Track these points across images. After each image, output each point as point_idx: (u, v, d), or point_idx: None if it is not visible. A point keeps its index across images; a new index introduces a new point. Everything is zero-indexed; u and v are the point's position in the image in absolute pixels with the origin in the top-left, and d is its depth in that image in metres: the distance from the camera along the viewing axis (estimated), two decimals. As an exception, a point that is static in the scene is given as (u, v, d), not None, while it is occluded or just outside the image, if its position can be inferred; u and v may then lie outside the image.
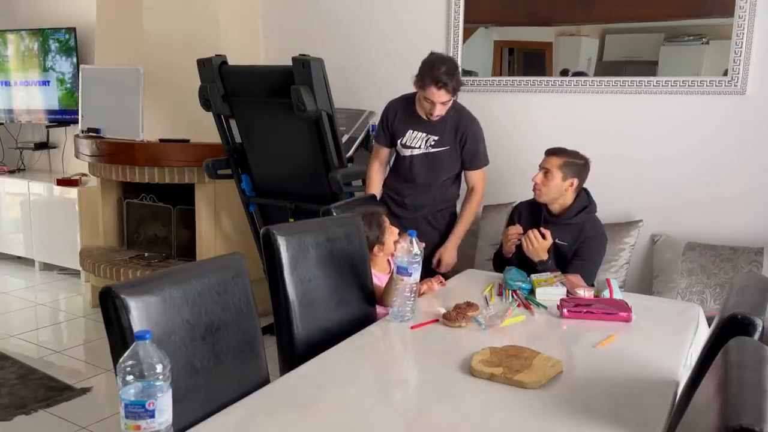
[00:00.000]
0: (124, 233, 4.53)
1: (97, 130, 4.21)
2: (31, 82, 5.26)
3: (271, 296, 1.93)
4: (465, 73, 3.69)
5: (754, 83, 3.01)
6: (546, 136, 3.34)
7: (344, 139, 3.61)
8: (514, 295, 2.27)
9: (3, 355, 3.48)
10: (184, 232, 4.22)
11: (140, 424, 1.16)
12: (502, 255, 2.75)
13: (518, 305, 2.20)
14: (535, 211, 2.73)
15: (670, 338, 1.98)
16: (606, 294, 2.22)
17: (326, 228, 2.12)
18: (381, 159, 3.07)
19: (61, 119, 5.16)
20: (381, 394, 1.61)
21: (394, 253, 2.08)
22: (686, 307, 2.35)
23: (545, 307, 2.18)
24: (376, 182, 3.06)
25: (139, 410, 1.16)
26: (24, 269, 5.19)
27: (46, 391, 3.07)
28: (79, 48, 4.96)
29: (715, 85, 3.06)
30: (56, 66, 5.07)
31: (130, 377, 1.16)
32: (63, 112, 5.12)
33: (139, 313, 1.39)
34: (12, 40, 5.32)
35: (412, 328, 1.97)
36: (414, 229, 2.03)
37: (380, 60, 3.95)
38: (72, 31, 4.96)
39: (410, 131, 2.91)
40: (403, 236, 2.04)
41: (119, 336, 1.38)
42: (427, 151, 2.90)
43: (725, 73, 3.04)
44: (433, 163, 2.92)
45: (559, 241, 2.63)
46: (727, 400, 1.00)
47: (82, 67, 4.45)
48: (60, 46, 5.01)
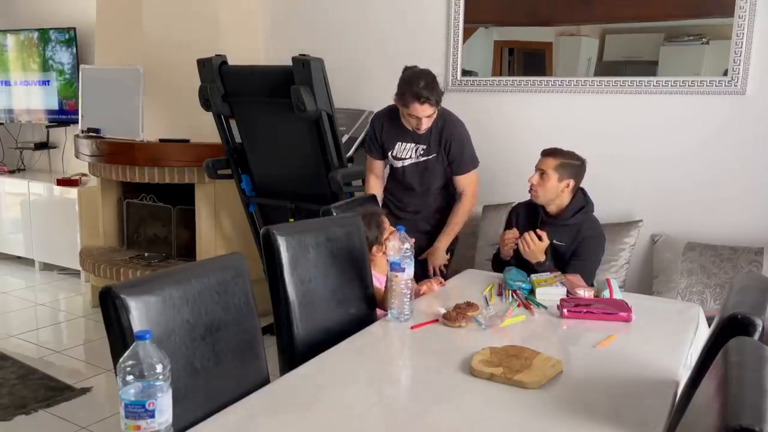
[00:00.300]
0: (124, 233, 4.53)
1: (97, 130, 4.21)
2: (31, 82, 5.26)
3: (271, 296, 1.93)
4: (465, 73, 3.69)
5: (754, 83, 3.01)
6: (546, 136, 3.34)
7: (344, 139, 3.61)
8: (514, 295, 2.27)
9: (3, 355, 3.48)
10: (184, 232, 4.22)
11: (140, 424, 1.16)
12: (500, 257, 2.76)
13: (518, 305, 2.20)
14: (533, 212, 2.73)
15: (670, 338, 1.98)
16: (606, 294, 2.21)
17: (326, 228, 2.12)
18: (376, 172, 3.06)
19: (59, 119, 5.16)
20: (381, 394, 1.61)
21: (385, 252, 2.08)
22: (686, 307, 2.35)
23: (545, 307, 2.18)
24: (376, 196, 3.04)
25: (139, 410, 1.16)
26: (24, 269, 5.19)
27: (46, 391, 3.07)
28: (79, 48, 4.96)
29: (715, 85, 3.06)
30: (56, 57, 5.06)
31: (130, 377, 1.16)
32: (61, 110, 5.12)
33: (139, 313, 1.39)
34: (12, 40, 5.32)
35: (412, 328, 1.97)
36: (416, 232, 2.03)
37: (380, 60, 3.95)
38: (72, 31, 4.96)
39: (399, 143, 2.92)
40: (393, 233, 2.04)
41: (119, 336, 1.38)
42: (418, 161, 2.91)
43: (725, 73, 3.04)
44: (426, 172, 2.93)
45: (556, 242, 2.63)
46: (727, 400, 1.00)
47: (82, 67, 4.45)
48: (59, 39, 5.02)
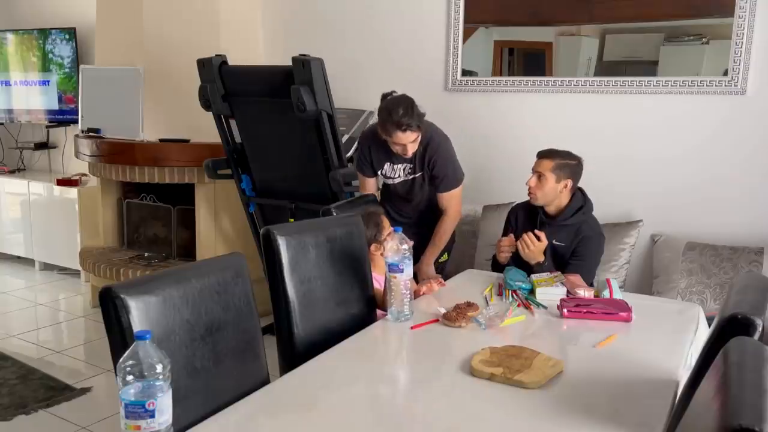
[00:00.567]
0: (124, 233, 4.53)
1: (97, 130, 4.21)
2: (31, 82, 5.26)
3: (271, 296, 1.93)
4: (465, 73, 3.69)
5: (754, 83, 3.01)
6: (546, 136, 3.34)
7: (344, 139, 3.61)
8: (514, 295, 2.27)
9: (3, 355, 3.48)
10: (184, 232, 4.22)
11: (140, 424, 1.16)
12: (498, 261, 2.76)
13: (518, 305, 2.20)
14: (532, 213, 2.73)
15: (670, 338, 1.98)
16: (606, 294, 2.21)
17: (326, 228, 2.12)
18: (370, 188, 3.12)
19: (59, 119, 5.16)
20: (381, 394, 1.61)
21: (384, 253, 2.08)
22: (686, 307, 2.35)
23: (545, 307, 2.18)
24: None
25: (139, 410, 1.16)
26: (24, 269, 5.19)
27: (46, 391, 3.07)
28: (79, 48, 4.96)
29: (715, 85, 3.06)
30: (56, 56, 5.05)
31: (130, 377, 1.16)
32: (60, 102, 5.12)
33: (139, 313, 1.39)
34: (12, 40, 5.32)
35: (412, 328, 1.97)
36: (415, 234, 2.03)
37: (380, 60, 3.95)
38: (72, 30, 4.96)
39: (387, 164, 2.98)
40: (391, 234, 2.04)
41: (119, 336, 1.38)
42: (407, 178, 2.97)
43: (725, 73, 3.04)
44: (415, 188, 2.98)
45: (556, 242, 2.63)
46: (727, 400, 1.00)
47: (82, 67, 4.45)
48: (59, 39, 5.01)
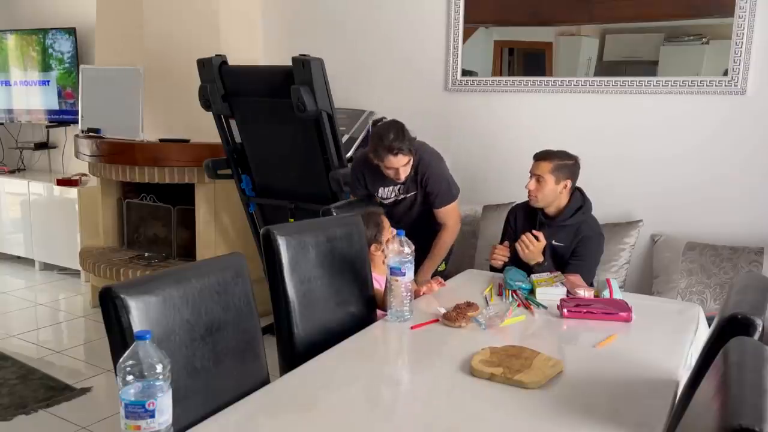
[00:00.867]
0: (124, 233, 4.53)
1: (97, 130, 4.21)
2: (31, 82, 5.26)
3: (271, 296, 1.93)
4: (465, 73, 3.69)
5: (754, 83, 3.01)
6: (546, 135, 3.34)
7: (344, 139, 3.61)
8: (514, 295, 2.27)
9: (3, 355, 3.47)
10: (184, 232, 4.22)
11: (140, 424, 1.16)
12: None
13: (518, 305, 2.20)
14: (531, 213, 2.73)
15: (670, 338, 1.98)
16: (606, 294, 2.21)
17: (326, 228, 2.12)
18: None
19: (59, 119, 5.16)
20: (381, 394, 1.61)
21: (386, 256, 2.08)
22: (686, 307, 2.35)
23: (545, 307, 2.18)
24: None
25: (139, 410, 1.16)
26: (24, 269, 5.19)
27: (46, 391, 3.07)
28: (79, 48, 4.96)
29: (715, 85, 3.06)
30: (56, 55, 5.05)
31: (130, 377, 1.16)
32: (60, 99, 5.12)
33: (139, 313, 1.39)
34: (12, 40, 5.32)
35: (412, 328, 1.97)
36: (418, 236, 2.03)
37: (380, 60, 3.95)
38: (72, 30, 4.96)
39: (381, 188, 3.01)
40: (394, 237, 2.04)
41: (119, 336, 1.38)
42: (397, 198, 3.01)
43: (725, 73, 3.04)
44: (408, 207, 3.02)
45: (556, 243, 2.63)
46: (727, 400, 1.00)
47: (82, 67, 4.45)
48: (59, 39, 5.02)
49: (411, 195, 2.99)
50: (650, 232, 3.25)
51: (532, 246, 2.52)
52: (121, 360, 1.18)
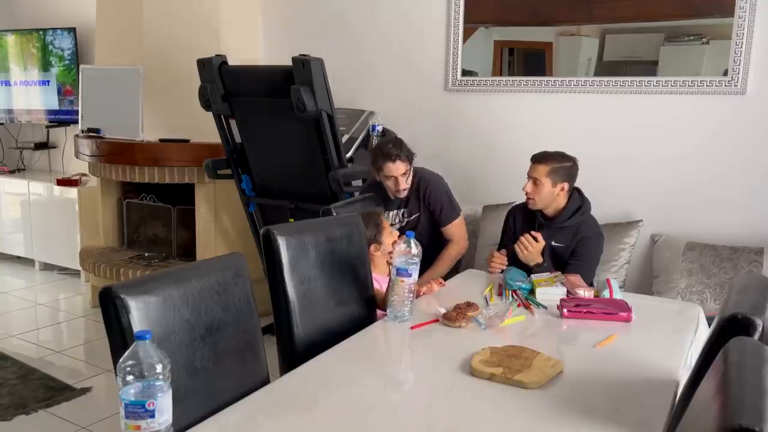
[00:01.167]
0: (124, 233, 4.53)
1: (97, 130, 4.21)
2: (31, 82, 5.26)
3: (271, 296, 1.93)
4: (465, 73, 3.69)
5: (754, 83, 3.01)
6: (546, 136, 3.34)
7: (344, 139, 3.61)
8: (514, 295, 2.27)
9: (3, 355, 3.47)
10: (184, 232, 4.22)
11: (140, 424, 1.16)
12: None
13: (518, 305, 2.20)
14: (530, 214, 2.73)
15: (670, 338, 1.98)
16: (606, 294, 2.21)
17: (326, 228, 2.12)
18: None
19: (60, 119, 5.16)
20: (381, 394, 1.61)
21: (392, 255, 2.08)
22: (686, 307, 2.35)
23: (545, 307, 2.18)
24: None
25: (139, 410, 1.16)
26: (24, 269, 5.19)
27: (46, 391, 3.07)
28: (79, 48, 4.96)
29: (715, 85, 3.06)
30: (56, 56, 5.05)
31: (130, 377, 1.16)
32: (60, 109, 5.12)
33: (139, 313, 1.39)
34: (12, 40, 5.32)
35: (412, 328, 1.97)
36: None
37: (380, 60, 3.95)
38: (72, 30, 4.96)
39: (386, 212, 3.06)
40: (402, 237, 2.04)
41: (119, 336, 1.38)
42: (403, 224, 3.06)
43: (725, 73, 3.04)
44: (414, 231, 3.02)
45: (556, 244, 2.63)
46: (727, 400, 1.00)
47: (82, 67, 4.45)
48: (59, 38, 5.02)
49: (414, 218, 3.04)
50: (650, 232, 3.25)
51: (531, 247, 2.52)
52: (121, 360, 1.18)
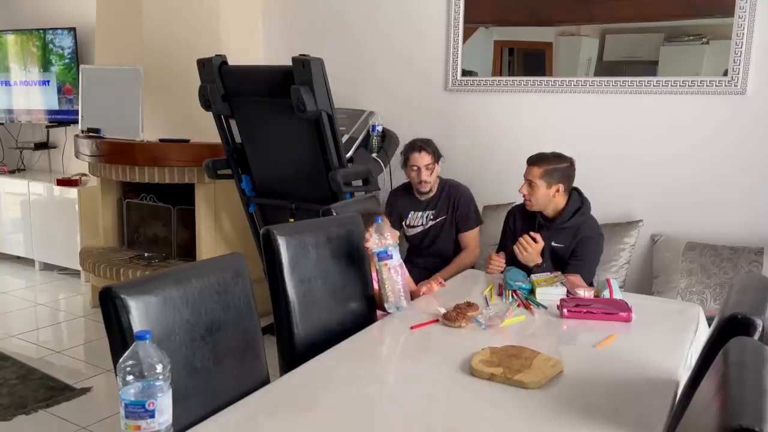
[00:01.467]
0: (124, 233, 4.53)
1: (97, 130, 4.21)
2: (31, 82, 5.26)
3: (271, 296, 1.93)
4: (465, 73, 3.69)
5: (754, 83, 3.01)
6: (545, 135, 3.35)
7: (344, 139, 3.61)
8: (514, 295, 2.27)
9: (3, 355, 3.47)
10: (184, 232, 4.22)
11: (140, 424, 1.16)
12: None
13: (518, 305, 2.20)
14: (530, 214, 2.73)
15: (670, 338, 1.98)
16: (606, 294, 2.21)
17: (326, 228, 2.12)
18: None
19: (59, 119, 5.16)
20: (381, 394, 1.61)
21: (369, 244, 2.10)
22: (686, 307, 2.35)
23: (545, 307, 2.18)
24: None
25: (139, 410, 1.16)
26: (24, 269, 5.19)
27: (46, 391, 3.07)
28: (79, 48, 4.96)
29: (715, 85, 3.06)
30: (56, 41, 5.04)
31: (130, 377, 1.16)
32: (60, 109, 5.12)
33: (139, 313, 1.39)
34: (12, 40, 5.32)
35: (412, 328, 1.97)
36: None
37: (380, 60, 3.95)
38: (72, 30, 4.96)
39: (411, 212, 3.24)
40: (374, 225, 2.07)
41: (119, 336, 1.38)
42: (425, 227, 3.21)
43: (725, 73, 3.04)
44: (436, 236, 3.18)
45: (555, 244, 2.63)
46: (727, 400, 1.00)
47: (82, 67, 4.45)
48: (59, 38, 5.01)
49: (441, 220, 3.18)
50: (650, 232, 3.25)
51: (531, 248, 2.52)
52: (121, 360, 1.18)
